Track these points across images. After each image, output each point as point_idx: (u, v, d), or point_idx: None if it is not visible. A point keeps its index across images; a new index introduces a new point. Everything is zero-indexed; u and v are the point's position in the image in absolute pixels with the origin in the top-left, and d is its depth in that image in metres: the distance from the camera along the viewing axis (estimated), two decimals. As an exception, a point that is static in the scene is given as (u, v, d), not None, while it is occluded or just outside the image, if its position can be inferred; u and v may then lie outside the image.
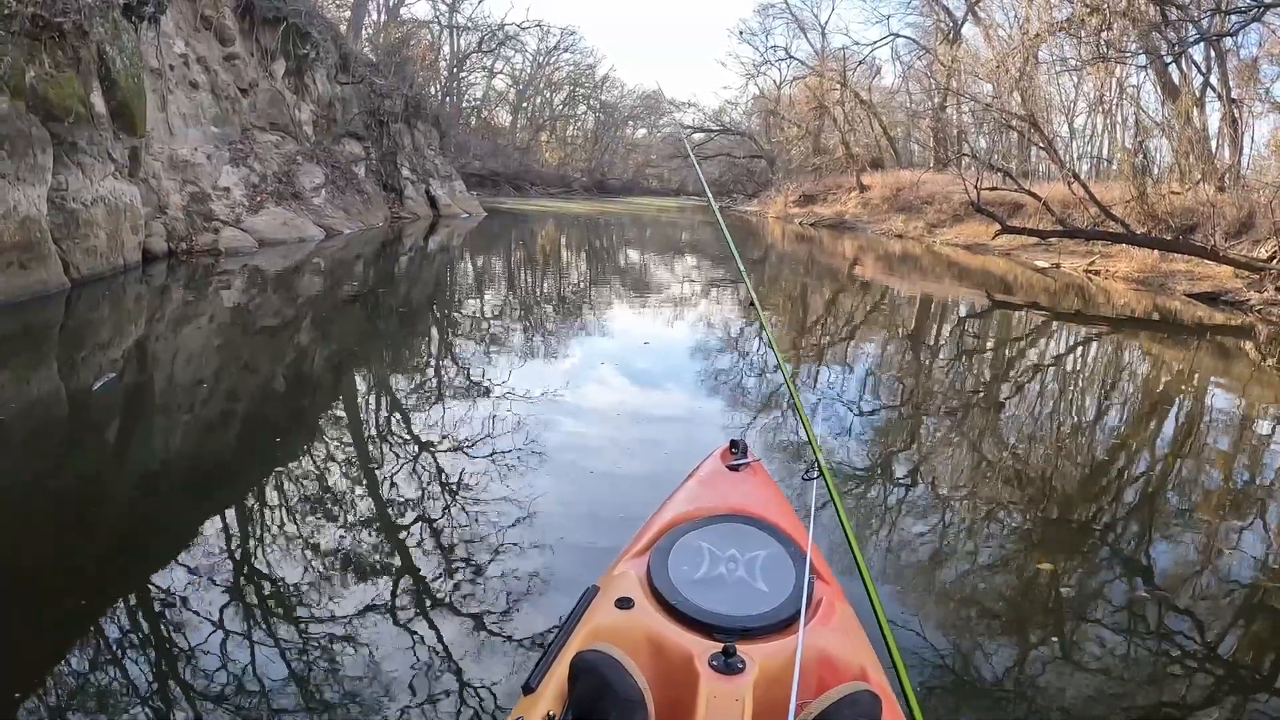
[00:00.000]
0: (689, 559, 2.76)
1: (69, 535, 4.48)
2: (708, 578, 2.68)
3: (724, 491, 3.27)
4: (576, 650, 2.30)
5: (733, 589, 2.64)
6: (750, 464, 3.51)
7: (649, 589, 2.65)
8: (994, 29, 35.68)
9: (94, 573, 4.11)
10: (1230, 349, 12.77)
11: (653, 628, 2.48)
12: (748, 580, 2.68)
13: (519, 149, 60.25)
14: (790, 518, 3.17)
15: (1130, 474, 6.85)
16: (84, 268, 11.26)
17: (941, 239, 28.08)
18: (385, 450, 6.28)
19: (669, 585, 2.63)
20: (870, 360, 10.76)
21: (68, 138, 11.11)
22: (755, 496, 3.26)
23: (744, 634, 2.44)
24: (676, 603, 2.56)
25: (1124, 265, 19.37)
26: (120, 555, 4.34)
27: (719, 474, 3.46)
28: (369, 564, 4.31)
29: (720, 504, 3.12)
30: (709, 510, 3.07)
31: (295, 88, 23.46)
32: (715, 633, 2.44)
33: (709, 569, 2.72)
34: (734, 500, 3.16)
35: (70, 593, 3.86)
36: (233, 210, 17.69)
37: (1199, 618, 4.28)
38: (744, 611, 2.53)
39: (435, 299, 14.39)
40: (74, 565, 4.15)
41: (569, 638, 2.45)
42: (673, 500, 3.29)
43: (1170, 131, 23.76)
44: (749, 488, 3.34)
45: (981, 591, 4.46)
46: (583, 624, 2.51)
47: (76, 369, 8.00)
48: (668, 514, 3.14)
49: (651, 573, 2.70)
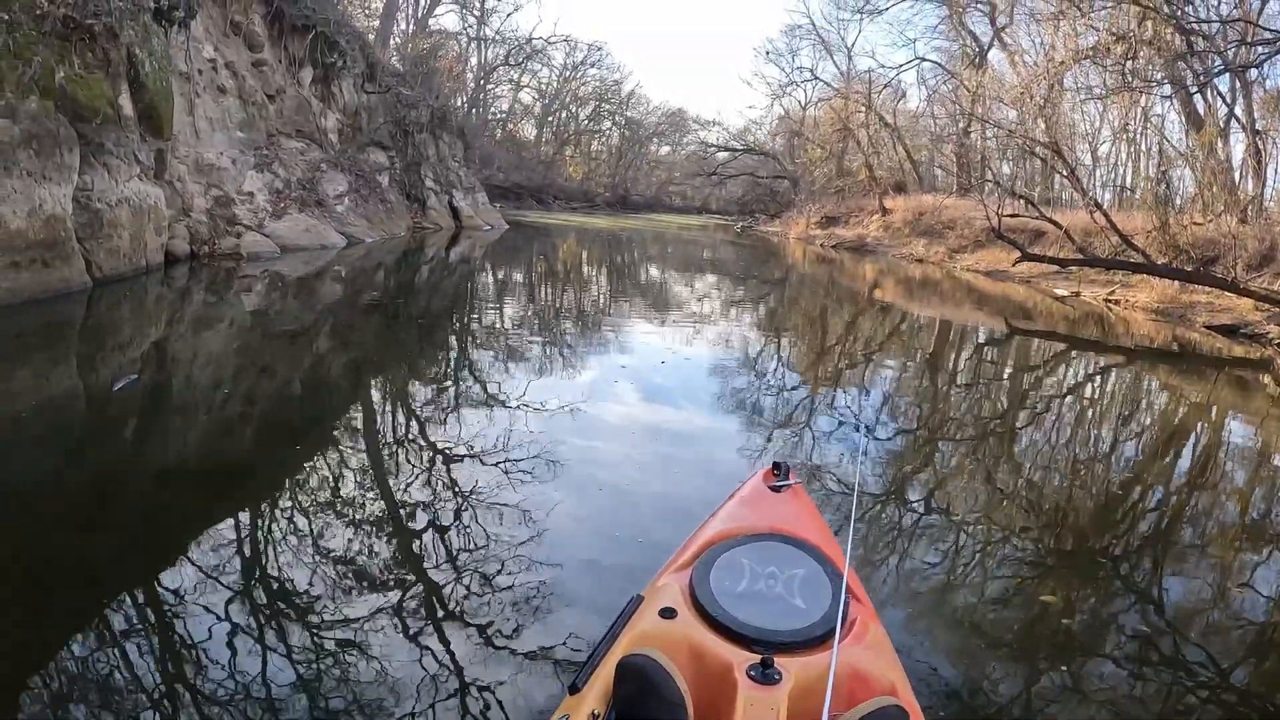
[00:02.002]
0: (730, 574, 2.88)
1: (81, 533, 4.51)
2: (748, 592, 2.80)
3: (765, 511, 3.40)
4: (622, 654, 2.43)
5: (771, 604, 2.76)
6: (792, 486, 3.66)
7: (691, 600, 2.77)
8: (1020, 55, 35.58)
9: (104, 571, 4.12)
10: (1249, 382, 12.66)
11: (694, 637, 2.60)
12: (786, 597, 2.80)
13: (543, 162, 60.55)
14: (829, 539, 3.30)
15: (1146, 506, 6.79)
16: (106, 267, 11.37)
17: (962, 264, 28.00)
18: (401, 459, 6.29)
19: (710, 598, 2.75)
20: (889, 385, 10.71)
21: (95, 138, 11.25)
22: (795, 517, 3.38)
23: (781, 647, 2.56)
24: (717, 615, 2.67)
25: (1144, 295, 19.26)
26: (131, 554, 4.35)
27: (761, 494, 3.60)
28: (391, 572, 4.32)
29: (761, 523, 3.25)
30: (751, 529, 3.20)
31: (322, 95, 23.66)
32: (754, 645, 2.56)
33: (749, 584, 2.84)
34: (775, 520, 3.28)
35: (80, 590, 3.88)
36: (256, 215, 17.83)
37: (1212, 653, 4.23)
38: (782, 626, 2.65)
39: (455, 310, 14.46)
40: (84, 563, 4.18)
41: (614, 642, 2.57)
42: (716, 518, 3.43)
43: (1193, 162, 23.60)
44: (790, 509, 3.47)
45: (993, 620, 4.42)
46: (628, 630, 2.63)
47: (95, 367, 8.07)
48: (710, 530, 3.27)
49: (694, 585, 2.82)
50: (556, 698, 3.11)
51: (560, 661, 3.56)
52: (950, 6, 40.59)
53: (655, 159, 72.58)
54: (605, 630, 2.69)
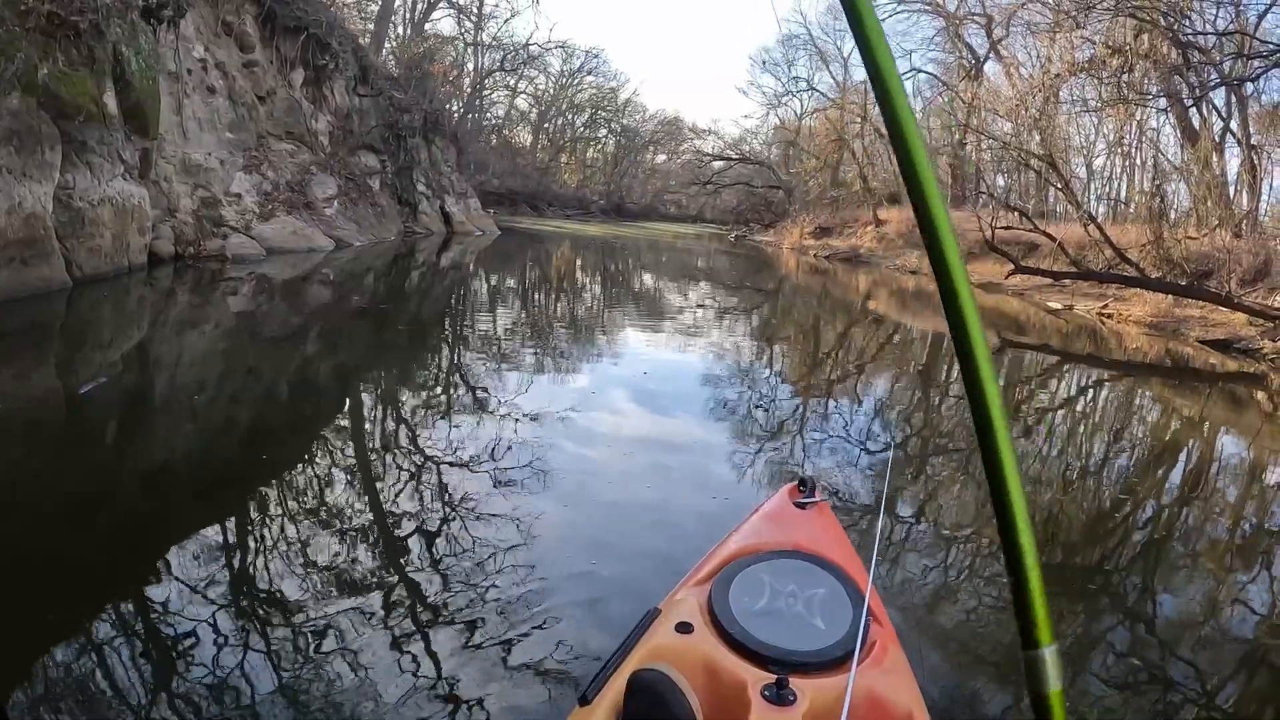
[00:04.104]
0: (750, 591, 2.84)
1: (51, 538, 4.35)
2: (767, 610, 2.76)
3: (789, 528, 3.35)
4: (634, 668, 2.38)
5: (790, 623, 2.71)
6: (817, 503, 3.61)
7: (709, 616, 2.73)
8: (1016, 67, 35.68)
9: (81, 576, 3.96)
10: (1242, 397, 12.58)
11: (710, 654, 2.57)
12: (805, 616, 2.75)
13: (538, 169, 60.44)
14: (851, 558, 3.25)
15: (1137, 519, 6.67)
16: (87, 267, 11.21)
17: (955, 276, 27.85)
18: (385, 466, 6.17)
19: (729, 614, 2.71)
20: (879, 397, 10.59)
21: (78, 136, 11.10)
22: (819, 535, 3.33)
23: (797, 668, 2.51)
24: (735, 632, 2.63)
25: (1138, 309, 19.19)
26: (108, 561, 4.18)
27: (785, 510, 3.54)
28: (377, 580, 4.19)
29: (784, 540, 3.20)
30: (773, 545, 3.16)
31: (313, 98, 23.53)
32: (770, 664, 2.52)
33: (769, 602, 2.80)
34: (798, 537, 3.23)
35: (54, 595, 3.76)
36: (243, 217, 17.69)
37: (1201, 666, 4.17)
38: (799, 646, 2.60)
39: (443, 316, 14.32)
40: (57, 567, 4.03)
41: (627, 655, 2.53)
42: (738, 532, 3.37)
43: (1188, 176, 23.61)
44: (814, 526, 3.42)
45: (984, 634, 4.32)
46: (642, 644, 2.59)
47: (67, 369, 7.91)
48: (732, 545, 3.23)
49: (713, 601, 2.78)
50: (549, 709, 3.15)
51: (554, 672, 3.50)
52: (947, 19, 40.68)
53: (651, 167, 72.47)
54: (618, 643, 2.63)
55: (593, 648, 3.63)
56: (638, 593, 3.93)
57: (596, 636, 3.75)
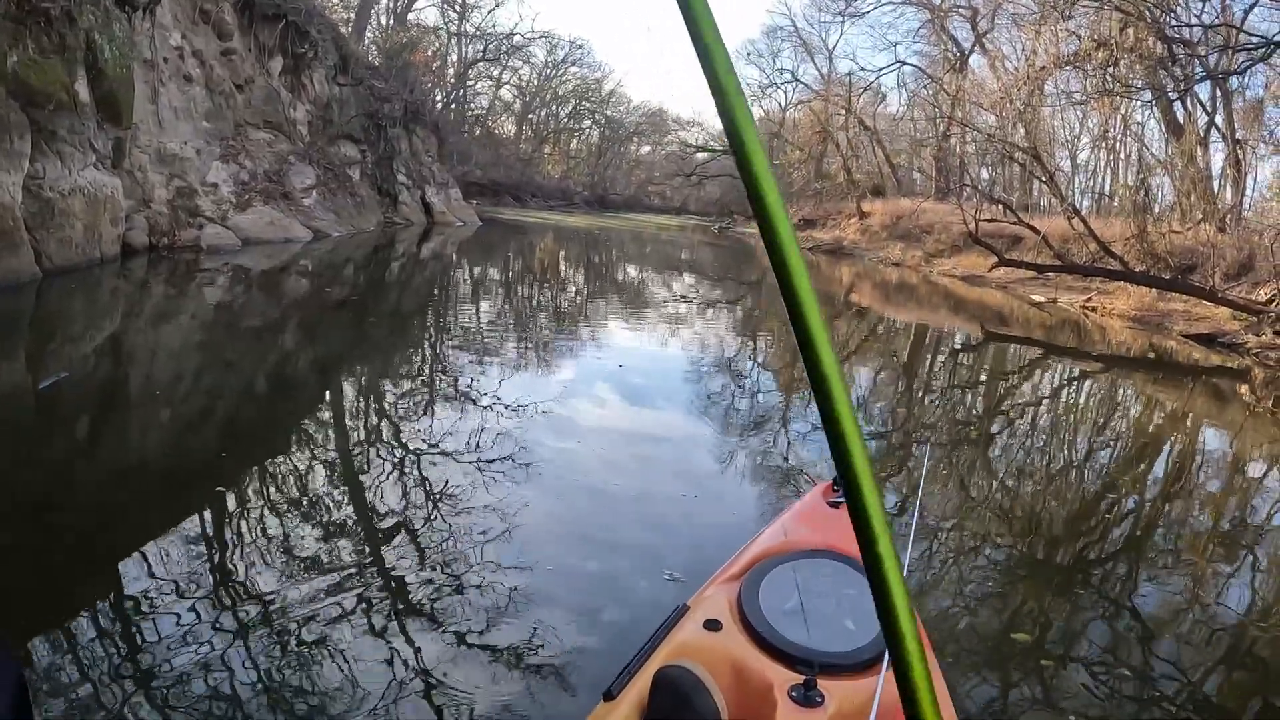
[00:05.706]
0: (780, 590, 2.80)
1: (14, 534, 4.19)
2: (797, 610, 2.71)
3: (821, 527, 3.31)
4: (661, 664, 2.38)
5: (820, 624, 2.66)
6: None
7: (738, 614, 2.70)
8: (1001, 60, 35.66)
9: (53, 573, 3.81)
10: (1225, 391, 12.56)
11: (737, 652, 2.54)
12: (836, 617, 2.71)
13: (522, 160, 60.10)
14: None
15: (1119, 514, 6.60)
16: (57, 258, 10.98)
17: (939, 269, 27.90)
18: (362, 458, 6.05)
19: (758, 613, 2.67)
20: (861, 390, 10.49)
21: (48, 125, 10.86)
22: (852, 535, 3.16)
23: (826, 669, 2.47)
24: (764, 631, 2.60)
25: (1121, 303, 19.17)
26: (79, 556, 4.01)
27: (819, 509, 3.50)
28: (359, 572, 4.06)
29: (817, 539, 3.17)
30: (805, 544, 3.13)
31: (292, 86, 23.24)
32: (798, 664, 2.48)
33: (799, 602, 2.75)
34: (831, 537, 3.19)
35: (22, 592, 3.64)
36: (219, 207, 17.46)
37: (1182, 662, 4.12)
38: (829, 647, 2.56)
39: (423, 307, 14.14)
40: (26, 563, 3.91)
41: (654, 651, 2.52)
42: (770, 530, 3.34)
43: (1173, 170, 23.64)
44: (847, 526, 3.31)
45: (1016, 640, 4.21)
46: (669, 640, 2.58)
47: (33, 363, 7.72)
48: (763, 543, 3.20)
49: (742, 599, 2.75)
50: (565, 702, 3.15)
51: (562, 666, 3.46)
52: (932, 11, 40.62)
53: (635, 159, 72.32)
54: (646, 638, 2.61)
55: (592, 644, 3.61)
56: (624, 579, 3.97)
57: (597, 630, 3.74)
